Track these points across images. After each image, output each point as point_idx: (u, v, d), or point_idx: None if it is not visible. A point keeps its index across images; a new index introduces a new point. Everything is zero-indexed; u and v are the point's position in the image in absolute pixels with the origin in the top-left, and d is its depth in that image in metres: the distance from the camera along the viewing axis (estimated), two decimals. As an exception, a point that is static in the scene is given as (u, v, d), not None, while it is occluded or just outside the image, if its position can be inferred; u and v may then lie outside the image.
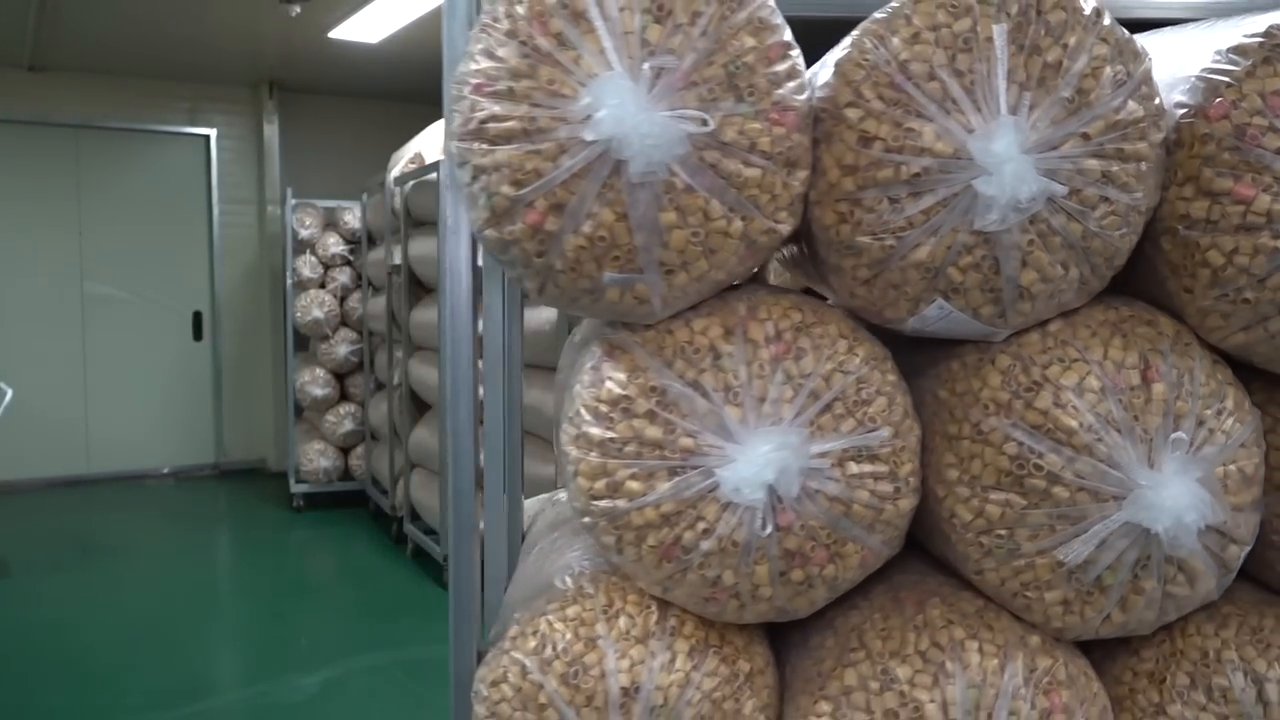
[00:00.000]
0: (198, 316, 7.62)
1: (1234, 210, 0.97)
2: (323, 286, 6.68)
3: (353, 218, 6.70)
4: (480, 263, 1.31)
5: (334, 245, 6.67)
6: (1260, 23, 0.99)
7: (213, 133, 7.53)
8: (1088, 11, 0.97)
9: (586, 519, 1.04)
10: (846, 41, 1.02)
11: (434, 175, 4.81)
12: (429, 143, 5.43)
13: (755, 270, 1.09)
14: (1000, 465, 1.00)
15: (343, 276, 6.68)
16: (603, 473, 1.01)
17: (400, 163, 5.61)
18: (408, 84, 7.32)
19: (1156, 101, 0.99)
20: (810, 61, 1.08)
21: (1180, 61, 1.05)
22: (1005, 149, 0.92)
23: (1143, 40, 1.05)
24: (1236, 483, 1.01)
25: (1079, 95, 0.95)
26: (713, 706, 1.04)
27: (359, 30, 5.85)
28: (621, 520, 1.01)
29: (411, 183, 5.24)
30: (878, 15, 0.99)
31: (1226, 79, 0.98)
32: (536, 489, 4.32)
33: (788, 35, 1.00)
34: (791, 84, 0.98)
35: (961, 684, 1.00)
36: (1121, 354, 1.01)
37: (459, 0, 1.07)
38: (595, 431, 1.01)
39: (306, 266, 6.62)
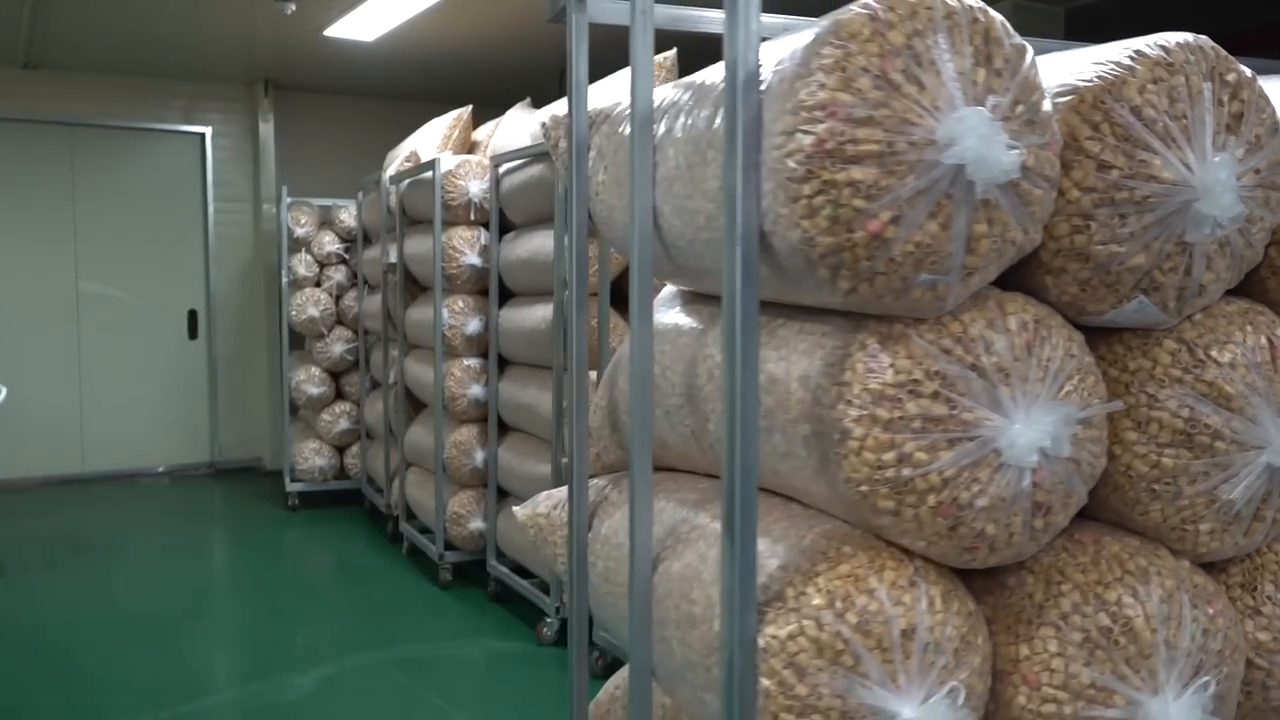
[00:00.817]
0: (193, 315, 7.61)
1: None
2: (318, 285, 6.67)
3: (348, 216, 6.69)
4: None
5: (329, 244, 6.66)
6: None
7: (208, 131, 7.52)
8: (1249, 74, 1.28)
9: (864, 488, 1.21)
10: (1063, 85, 1.26)
11: (429, 174, 4.80)
12: (424, 141, 5.42)
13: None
14: (1175, 427, 1.29)
15: (338, 275, 6.67)
16: (890, 446, 1.19)
17: (395, 161, 5.61)
18: (403, 82, 7.31)
19: None
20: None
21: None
22: (1228, 179, 1.21)
23: None
24: None
25: (1256, 139, 1.26)
26: (961, 640, 1.23)
27: (354, 28, 5.84)
28: (905, 486, 1.20)
29: (407, 181, 5.23)
30: (1100, 70, 1.25)
31: None
32: (532, 487, 4.32)
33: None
34: (1053, 121, 1.22)
35: (1155, 600, 1.27)
36: (1254, 337, 1.32)
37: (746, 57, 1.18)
38: (882, 412, 1.19)
39: (302, 265, 6.61)
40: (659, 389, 1.64)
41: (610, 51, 2.82)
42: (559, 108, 4.41)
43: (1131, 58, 1.23)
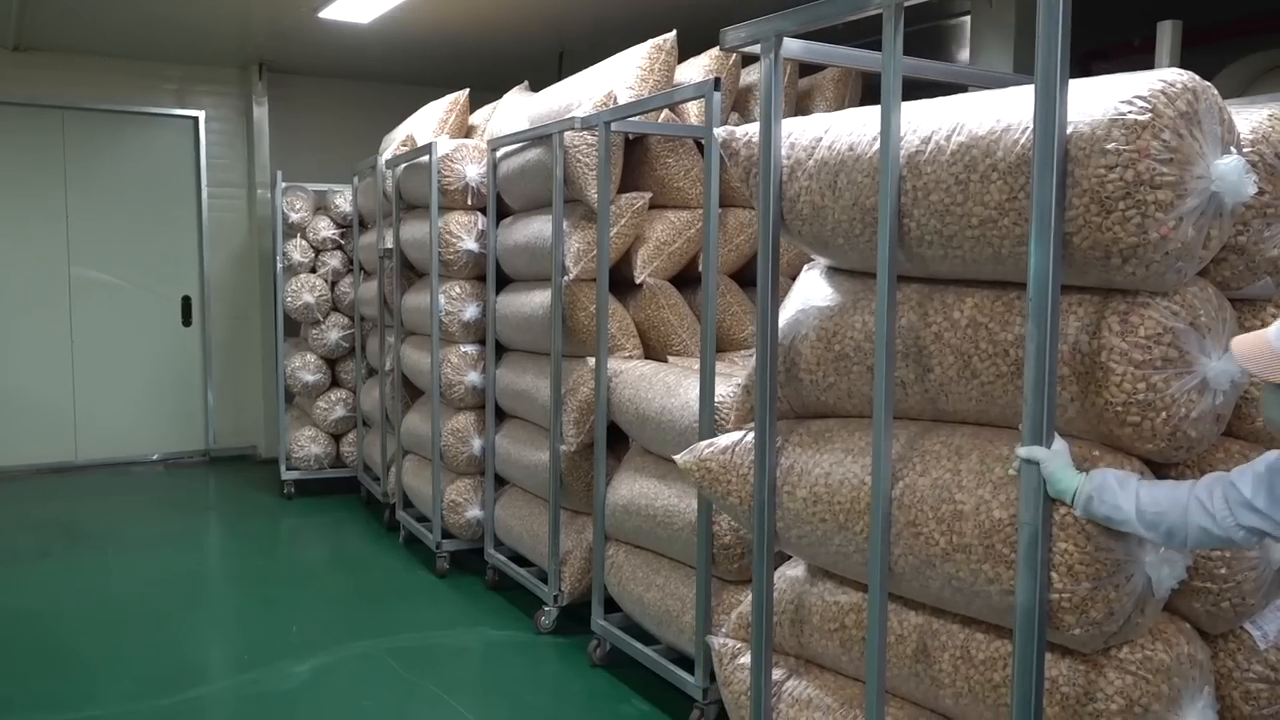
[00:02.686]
0: (186, 301, 7.61)
1: None
2: (313, 271, 6.68)
3: (343, 201, 6.69)
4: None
5: (325, 229, 6.66)
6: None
7: (201, 114, 7.51)
8: None
9: (1119, 408, 1.81)
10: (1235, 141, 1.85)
11: (425, 158, 4.80)
12: (420, 125, 5.42)
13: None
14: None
15: (334, 261, 6.68)
16: (1142, 379, 1.78)
17: (392, 145, 5.61)
18: (399, 65, 7.30)
19: None
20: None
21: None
22: None
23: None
24: None
25: None
26: None
27: (349, 10, 5.83)
28: (1149, 406, 1.78)
29: (403, 165, 5.23)
30: (1253, 125, 1.88)
31: None
32: (530, 475, 4.33)
33: None
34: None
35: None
36: None
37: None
38: (1137, 355, 1.79)
39: (297, 250, 6.61)
40: (862, 350, 2.23)
41: (607, 34, 2.82)
42: (561, 93, 4.41)
43: (1271, 116, 1.91)
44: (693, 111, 4.03)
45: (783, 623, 2.45)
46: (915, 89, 2.22)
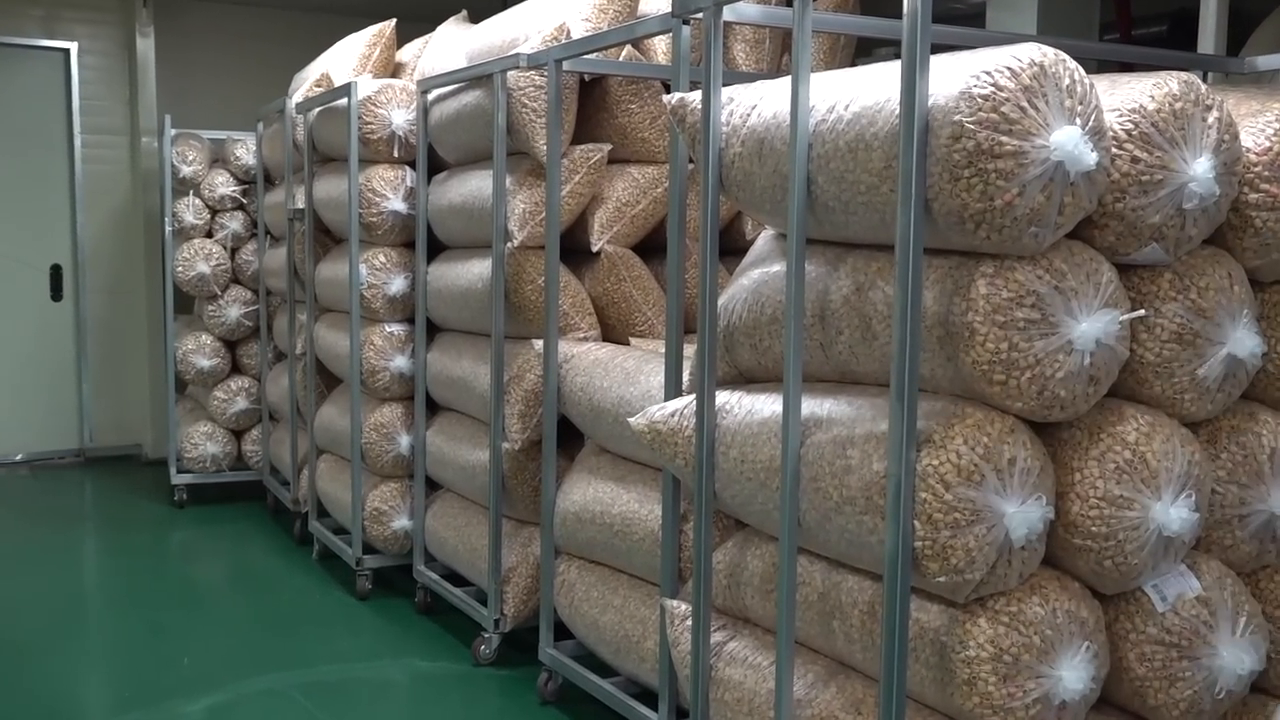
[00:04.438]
0: (57, 271, 7.56)
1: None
2: (209, 235, 6.64)
3: (245, 152, 6.66)
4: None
5: (223, 185, 6.63)
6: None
7: (73, 46, 7.44)
8: (1220, 100, 2.32)
9: (985, 367, 2.18)
10: (1114, 108, 2.25)
11: (344, 101, 4.79)
12: (337, 61, 5.40)
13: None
14: (1172, 329, 2.31)
15: (234, 223, 6.65)
16: (1004, 339, 2.16)
17: (304, 86, 5.58)
18: (313, -10, 7.26)
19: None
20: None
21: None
22: (1207, 170, 2.24)
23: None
24: None
25: (1220, 143, 2.28)
26: (1041, 469, 2.26)
27: (252, -77, 5.79)
28: (1012, 365, 2.17)
29: (317, 110, 5.21)
30: (1134, 96, 2.26)
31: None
32: (467, 477, 4.34)
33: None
34: (1108, 131, 2.24)
35: (1159, 442, 2.27)
36: (1220, 270, 2.36)
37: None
38: (999, 317, 2.16)
39: (189, 211, 6.57)
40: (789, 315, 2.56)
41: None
42: (504, 25, 4.40)
43: (1154, 85, 2.26)
44: (660, 49, 4.04)
45: (731, 586, 2.90)
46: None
